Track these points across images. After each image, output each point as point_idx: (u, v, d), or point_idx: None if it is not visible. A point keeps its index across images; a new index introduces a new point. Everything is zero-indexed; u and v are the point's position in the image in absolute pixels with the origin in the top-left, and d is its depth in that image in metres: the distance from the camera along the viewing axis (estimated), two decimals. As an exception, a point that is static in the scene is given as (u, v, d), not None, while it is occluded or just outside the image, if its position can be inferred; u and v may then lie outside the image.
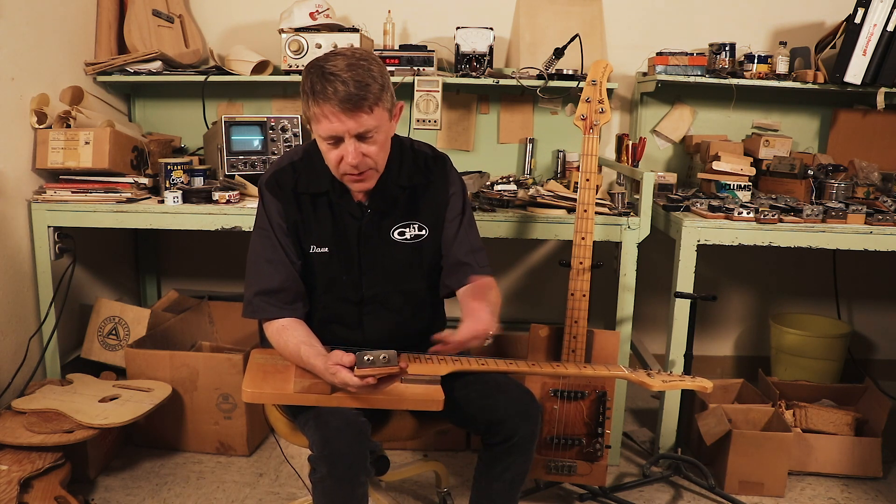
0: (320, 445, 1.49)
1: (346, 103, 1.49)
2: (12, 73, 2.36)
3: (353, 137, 1.53)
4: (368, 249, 1.68)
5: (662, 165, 3.07)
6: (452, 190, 1.75)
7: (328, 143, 1.56)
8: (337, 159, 1.56)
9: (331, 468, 1.48)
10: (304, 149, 1.73)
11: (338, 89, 1.48)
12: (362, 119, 1.51)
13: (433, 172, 1.73)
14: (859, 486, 2.39)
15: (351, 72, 1.49)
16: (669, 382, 1.67)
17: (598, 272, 2.14)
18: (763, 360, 3.19)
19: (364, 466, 1.50)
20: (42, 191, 2.45)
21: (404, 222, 1.70)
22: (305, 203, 1.67)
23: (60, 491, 2.02)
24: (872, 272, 3.21)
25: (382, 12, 2.82)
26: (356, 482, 1.51)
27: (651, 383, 1.65)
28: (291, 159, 1.71)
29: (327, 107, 1.49)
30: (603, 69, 2.03)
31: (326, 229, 1.67)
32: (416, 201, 1.71)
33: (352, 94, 1.48)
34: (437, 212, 1.73)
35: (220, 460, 2.46)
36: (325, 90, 1.49)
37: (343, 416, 1.53)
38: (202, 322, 2.88)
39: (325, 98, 1.49)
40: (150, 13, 2.77)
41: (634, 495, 2.29)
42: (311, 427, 1.54)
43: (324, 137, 1.55)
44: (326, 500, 1.53)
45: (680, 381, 1.68)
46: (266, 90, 2.99)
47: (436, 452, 2.54)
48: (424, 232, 1.71)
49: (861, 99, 2.92)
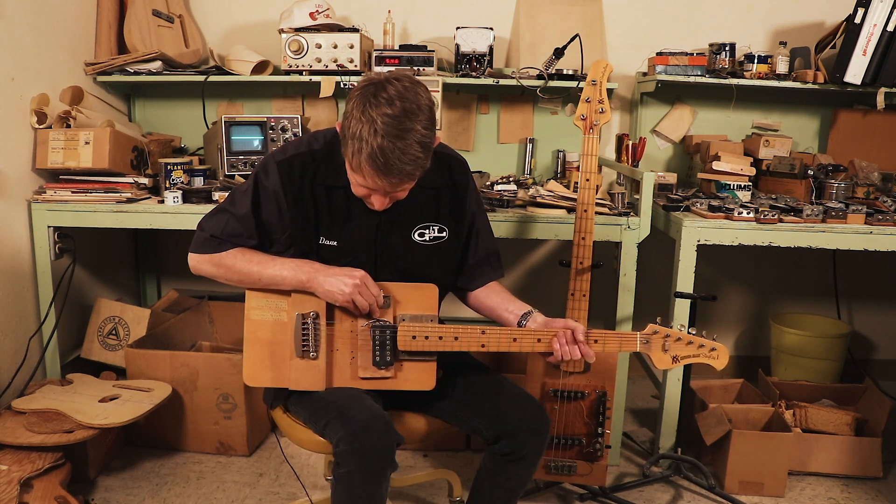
0: (348, 439, 1.48)
1: (393, 178, 1.44)
2: (12, 73, 2.36)
3: (383, 193, 1.51)
4: (386, 247, 1.66)
5: (662, 165, 3.07)
6: (472, 193, 1.75)
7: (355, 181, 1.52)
8: (363, 193, 1.54)
9: (360, 462, 1.47)
10: (326, 139, 1.65)
11: (389, 164, 1.41)
12: (397, 184, 1.48)
13: (455, 175, 1.71)
14: (859, 486, 2.39)
15: (402, 141, 1.40)
16: (682, 360, 1.65)
17: (598, 272, 2.14)
18: (763, 360, 3.19)
19: (392, 460, 1.51)
20: (42, 191, 2.45)
21: (426, 223, 1.68)
22: (320, 194, 1.62)
23: (60, 491, 2.02)
24: (872, 272, 3.21)
25: (382, 12, 2.82)
26: (383, 477, 1.51)
27: (659, 360, 1.64)
28: (311, 147, 1.63)
29: (368, 170, 1.43)
30: (603, 69, 2.03)
31: (338, 223, 1.64)
32: (438, 203, 1.69)
33: (403, 174, 1.44)
34: (458, 214, 1.71)
35: (220, 460, 2.46)
36: (373, 158, 1.41)
37: (368, 409, 1.54)
38: (202, 322, 2.88)
39: (367, 161, 1.42)
40: (150, 13, 2.77)
41: (634, 495, 2.29)
42: (333, 425, 1.53)
43: (353, 182, 1.52)
44: (349, 496, 1.52)
45: (694, 356, 1.66)
46: (266, 90, 2.99)
47: (436, 452, 2.54)
48: (444, 234, 1.70)
49: (861, 99, 2.92)
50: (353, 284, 1.55)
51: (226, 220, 1.62)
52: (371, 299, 1.57)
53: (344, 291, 1.56)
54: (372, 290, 1.58)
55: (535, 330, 1.62)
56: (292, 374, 1.62)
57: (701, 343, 1.65)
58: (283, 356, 1.63)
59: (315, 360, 1.62)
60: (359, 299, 1.56)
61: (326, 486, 2.28)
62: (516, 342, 1.61)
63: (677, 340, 1.64)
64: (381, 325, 1.61)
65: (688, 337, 1.65)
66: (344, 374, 1.64)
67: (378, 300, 1.59)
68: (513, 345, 1.62)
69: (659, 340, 1.64)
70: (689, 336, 1.65)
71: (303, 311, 1.61)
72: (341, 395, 1.60)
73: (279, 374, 1.63)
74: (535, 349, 1.62)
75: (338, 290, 1.56)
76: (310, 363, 1.62)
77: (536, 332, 1.61)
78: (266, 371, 1.64)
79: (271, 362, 1.63)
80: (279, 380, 1.64)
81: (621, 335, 1.64)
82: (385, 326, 1.61)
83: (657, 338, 1.64)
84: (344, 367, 1.64)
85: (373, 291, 1.58)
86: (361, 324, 1.62)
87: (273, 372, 1.64)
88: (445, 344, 1.61)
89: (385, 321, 1.61)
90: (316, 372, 1.62)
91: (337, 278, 1.56)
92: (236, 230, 1.62)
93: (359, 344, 1.63)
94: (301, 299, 1.61)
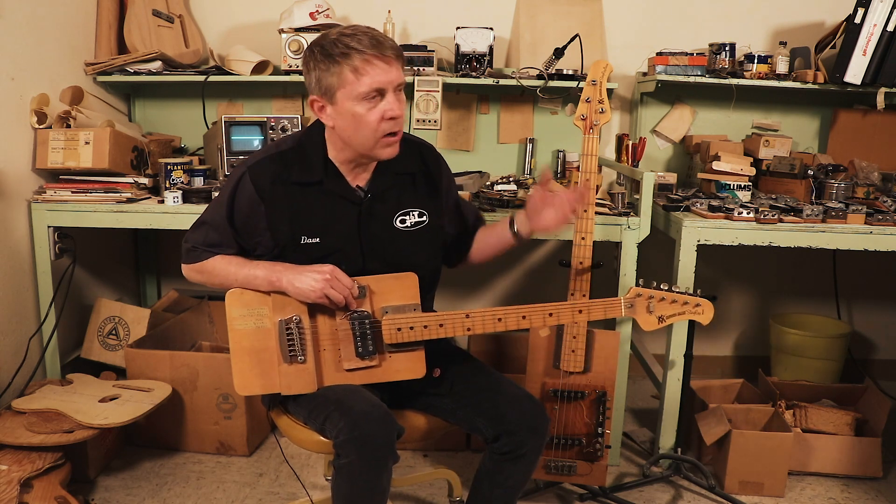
0: (348, 429, 1.48)
1: (389, 50, 1.52)
2: (12, 73, 2.36)
3: (394, 89, 1.55)
4: (371, 237, 1.67)
5: (662, 165, 3.07)
6: (445, 174, 1.79)
7: (368, 102, 1.54)
8: (378, 118, 1.55)
9: (360, 451, 1.47)
10: (295, 138, 1.70)
11: (375, 38, 1.51)
12: (400, 68, 1.55)
13: (427, 159, 1.76)
14: (859, 486, 2.39)
15: (370, 30, 1.53)
16: (668, 318, 1.65)
17: (598, 272, 2.14)
18: (763, 360, 3.19)
19: (392, 450, 1.51)
20: (42, 191, 2.45)
21: (405, 209, 1.70)
22: (295, 193, 1.64)
23: (60, 491, 2.02)
24: (872, 272, 3.21)
25: (382, 12, 2.82)
26: (384, 467, 1.51)
27: (645, 321, 1.65)
28: (279, 148, 1.67)
29: (370, 54, 1.50)
30: (603, 69, 2.02)
31: (318, 219, 1.65)
32: (414, 187, 1.73)
33: (389, 43, 1.52)
34: (435, 196, 1.75)
35: (220, 460, 2.46)
36: (360, 43, 1.50)
37: (366, 400, 1.54)
38: (202, 322, 2.88)
39: (361, 49, 1.50)
40: (150, 13, 2.77)
41: (634, 495, 2.30)
42: (333, 417, 1.53)
43: (365, 94, 1.52)
44: (350, 487, 1.52)
45: (679, 314, 1.66)
46: (266, 90, 2.99)
47: (436, 452, 2.54)
48: (425, 218, 1.72)
49: (861, 99, 2.92)
50: (324, 279, 1.57)
51: (205, 232, 1.69)
52: (344, 291, 1.59)
53: (315, 287, 1.57)
54: (344, 281, 1.59)
55: (519, 307, 1.64)
56: (282, 379, 1.63)
57: (685, 300, 1.64)
58: (272, 362, 1.63)
59: (304, 363, 1.62)
60: (332, 293, 1.58)
61: (326, 485, 2.28)
62: (501, 322, 1.62)
63: (661, 300, 1.64)
64: (358, 315, 1.61)
65: (671, 295, 1.64)
66: (333, 371, 1.64)
67: (353, 291, 1.60)
68: (498, 325, 1.63)
69: (643, 302, 1.64)
70: (673, 294, 1.64)
71: (285, 317, 1.62)
72: (338, 389, 1.61)
73: (269, 381, 1.64)
74: (520, 326, 1.63)
75: (308, 288, 1.57)
76: (299, 367, 1.62)
77: (520, 309, 1.63)
78: (256, 379, 1.64)
79: (260, 370, 1.63)
80: (269, 386, 1.64)
81: (605, 302, 1.64)
82: (364, 316, 1.62)
83: (641, 300, 1.64)
84: (332, 365, 1.64)
85: (345, 283, 1.59)
86: (340, 317, 1.63)
87: (263, 379, 1.64)
88: (431, 332, 1.62)
89: (363, 311, 1.62)
90: (306, 374, 1.62)
91: (306, 275, 1.58)
92: (215, 240, 1.68)
93: (341, 338, 1.63)
94: (282, 304, 1.62)
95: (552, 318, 1.65)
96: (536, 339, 2.13)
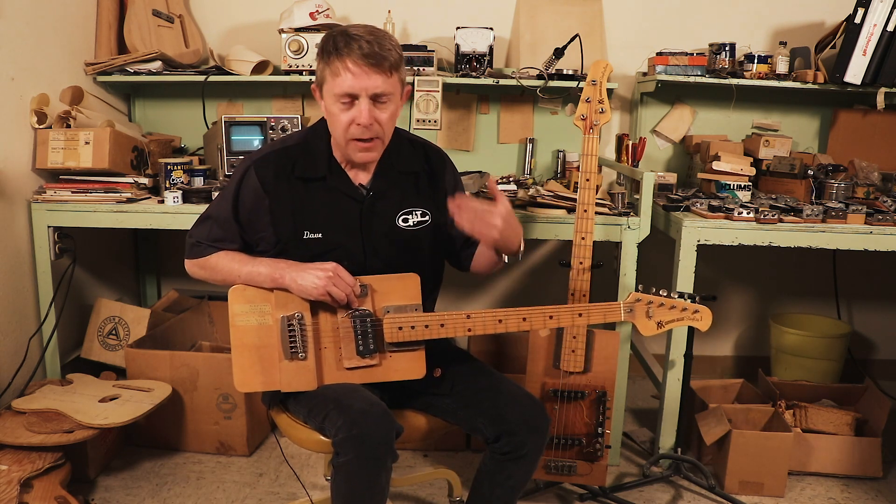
0: (347, 427, 1.49)
1: (369, 59, 1.52)
2: (12, 73, 2.36)
3: (368, 97, 1.55)
4: (373, 235, 1.68)
5: (662, 165, 3.07)
6: (450, 175, 1.79)
7: (341, 104, 1.57)
8: (348, 121, 1.57)
9: (359, 449, 1.48)
10: (301, 134, 1.73)
11: (362, 45, 1.53)
12: (380, 79, 1.55)
13: (432, 159, 1.77)
14: (859, 486, 2.39)
15: (373, 36, 1.55)
16: (667, 324, 1.66)
17: (598, 272, 2.14)
18: (763, 360, 3.19)
19: (391, 448, 1.51)
20: (42, 191, 2.45)
21: (408, 209, 1.71)
22: (299, 188, 1.66)
23: (60, 491, 2.02)
24: (872, 272, 3.21)
25: (382, 12, 2.82)
26: (382, 465, 1.51)
27: (644, 326, 1.65)
28: (285, 144, 1.71)
29: (349, 60, 1.53)
30: (603, 69, 2.03)
31: (321, 214, 1.66)
32: (417, 187, 1.74)
33: (374, 52, 1.53)
34: (439, 197, 1.74)
35: (220, 460, 2.46)
36: (349, 45, 1.53)
37: (366, 398, 1.55)
38: (202, 322, 2.88)
39: (348, 52, 1.53)
40: (150, 13, 2.77)
41: (634, 495, 2.30)
42: (332, 416, 1.54)
43: (338, 95, 1.56)
44: (349, 486, 1.52)
45: (678, 319, 1.66)
46: (266, 90, 2.99)
47: (436, 452, 2.54)
48: (427, 218, 1.73)
49: (861, 99, 2.92)
50: (326, 277, 1.57)
51: (209, 227, 1.70)
52: (346, 289, 1.59)
53: (317, 285, 1.57)
54: (346, 279, 1.59)
55: (520, 309, 1.64)
56: (283, 376, 1.63)
57: (684, 306, 1.65)
58: (272, 359, 1.63)
59: (304, 360, 1.62)
60: (334, 290, 1.58)
61: (326, 486, 2.28)
62: (502, 323, 1.63)
63: (660, 306, 1.64)
64: (360, 313, 1.62)
65: (670, 301, 1.65)
66: (334, 370, 1.64)
67: (355, 289, 1.60)
68: (498, 326, 1.63)
69: (642, 308, 1.65)
70: (672, 300, 1.65)
71: (287, 314, 1.62)
72: (338, 388, 1.61)
73: (270, 378, 1.63)
74: (520, 328, 1.64)
75: (311, 285, 1.58)
76: (299, 364, 1.62)
77: (521, 311, 1.63)
78: (256, 376, 1.64)
79: (261, 367, 1.63)
80: (270, 383, 1.64)
81: (605, 306, 1.64)
82: (365, 315, 1.62)
83: (640, 305, 1.64)
84: (333, 363, 1.64)
85: (347, 281, 1.59)
86: (342, 315, 1.63)
87: (263, 376, 1.64)
88: (432, 332, 1.62)
89: (365, 310, 1.62)
90: (306, 372, 1.62)
91: (309, 272, 1.59)
92: (219, 235, 1.69)
93: (342, 336, 1.63)
94: (284, 301, 1.62)
95: (552, 321, 1.66)
96: (536, 339, 2.12)
